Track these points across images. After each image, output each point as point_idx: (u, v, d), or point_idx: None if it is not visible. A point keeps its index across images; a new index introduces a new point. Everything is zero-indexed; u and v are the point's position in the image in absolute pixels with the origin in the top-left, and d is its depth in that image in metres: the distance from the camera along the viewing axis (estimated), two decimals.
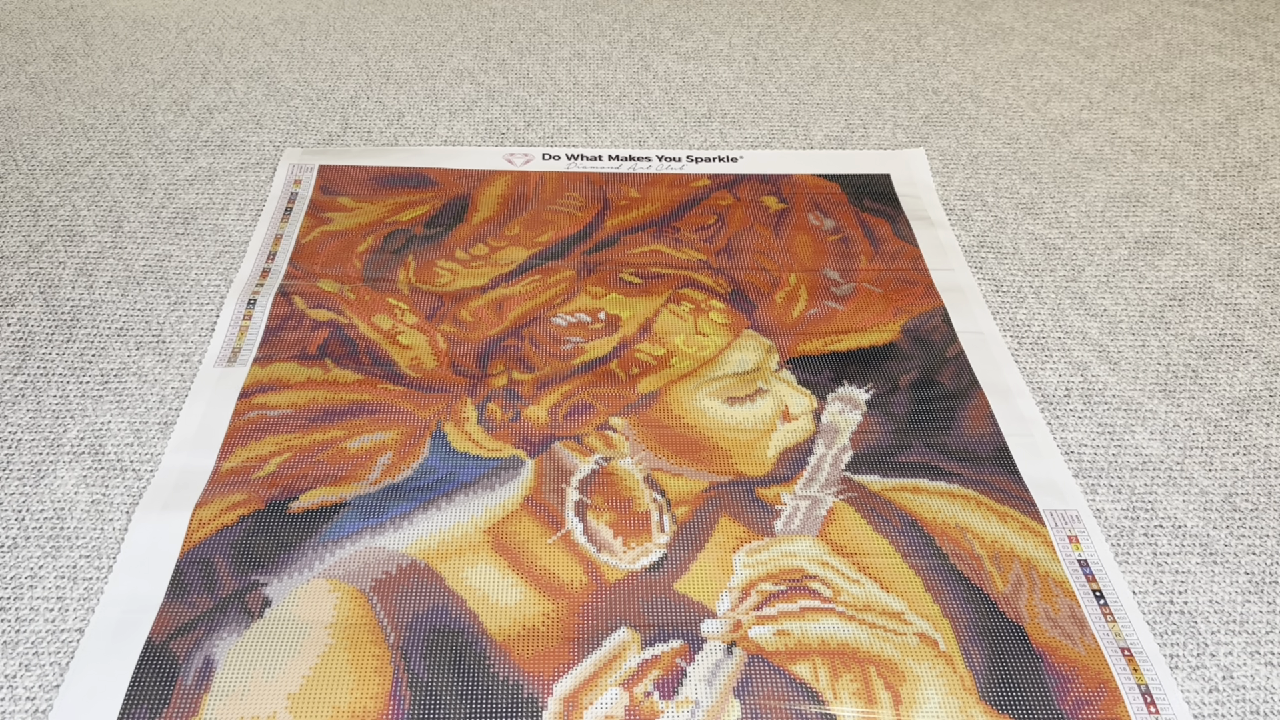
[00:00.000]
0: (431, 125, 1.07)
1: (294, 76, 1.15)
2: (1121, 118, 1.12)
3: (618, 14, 1.30)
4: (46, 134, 1.04)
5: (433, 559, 0.65)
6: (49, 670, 0.59)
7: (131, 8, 1.28)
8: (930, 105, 1.13)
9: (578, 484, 0.70)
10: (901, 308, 0.85)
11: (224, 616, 0.61)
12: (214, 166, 1.00)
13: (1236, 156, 1.06)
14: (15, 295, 0.84)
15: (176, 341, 0.80)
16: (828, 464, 0.72)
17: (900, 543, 0.67)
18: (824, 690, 0.59)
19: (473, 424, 0.74)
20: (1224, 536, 0.69)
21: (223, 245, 0.90)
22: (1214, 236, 0.95)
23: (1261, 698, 0.60)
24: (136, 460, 0.71)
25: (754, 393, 0.77)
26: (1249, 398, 0.79)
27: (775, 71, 1.19)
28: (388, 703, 0.57)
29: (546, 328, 0.82)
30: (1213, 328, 0.85)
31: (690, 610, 0.63)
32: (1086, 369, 0.81)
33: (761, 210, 0.96)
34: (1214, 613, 0.65)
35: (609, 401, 0.76)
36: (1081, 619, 0.63)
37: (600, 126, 1.08)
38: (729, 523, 0.68)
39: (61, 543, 0.66)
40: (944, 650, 0.61)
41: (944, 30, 1.29)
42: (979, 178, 1.02)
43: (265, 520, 0.67)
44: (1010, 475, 0.72)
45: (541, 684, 0.58)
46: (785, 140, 1.07)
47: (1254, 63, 1.23)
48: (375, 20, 1.27)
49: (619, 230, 0.93)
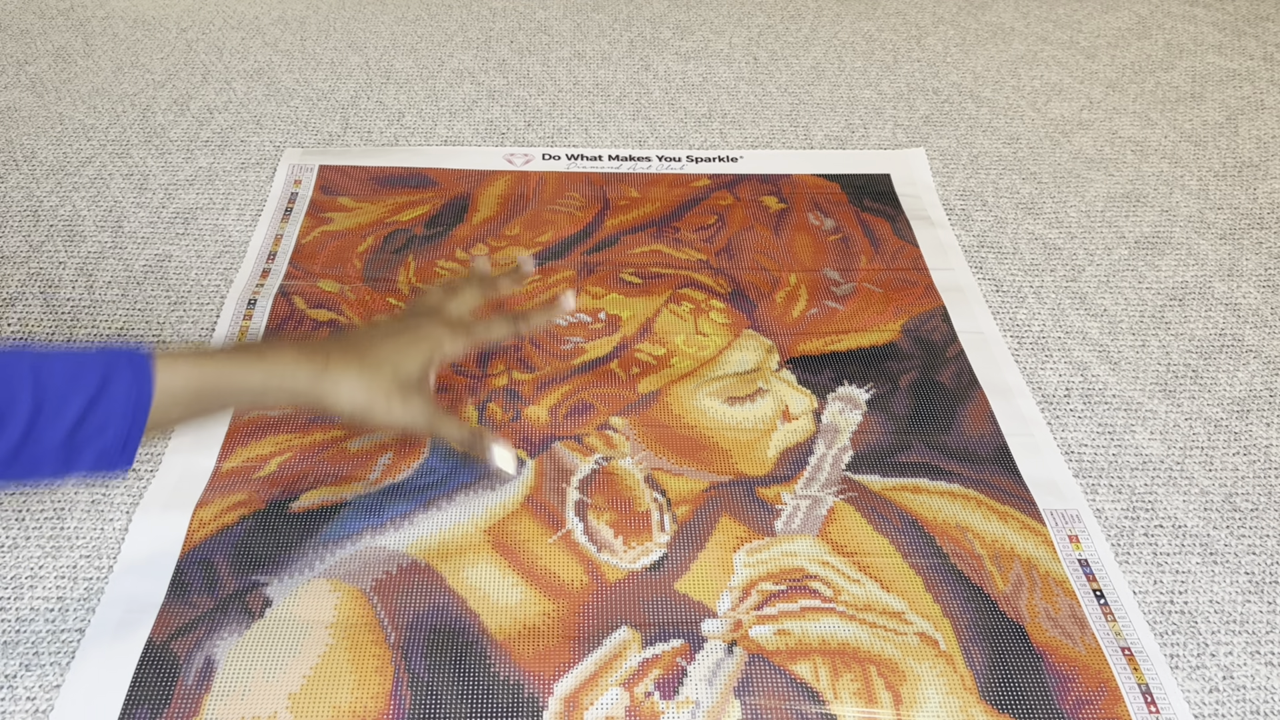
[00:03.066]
0: (431, 125, 1.07)
1: (294, 76, 1.15)
2: (1121, 118, 1.12)
3: (618, 14, 1.30)
4: (46, 134, 1.04)
5: (433, 559, 0.65)
6: (49, 670, 0.59)
7: (131, 8, 1.28)
8: (930, 105, 1.13)
9: (578, 484, 0.70)
10: (901, 307, 0.85)
11: (225, 616, 0.61)
12: (214, 167, 1.00)
13: (1236, 156, 1.06)
14: (15, 295, 0.84)
15: (176, 341, 0.80)
16: (828, 464, 0.72)
17: (901, 542, 0.67)
18: (824, 690, 0.59)
19: (473, 424, 0.74)
20: (1224, 536, 0.69)
21: (223, 245, 0.90)
22: (1214, 236, 0.95)
23: (1261, 698, 0.60)
24: (137, 460, 0.71)
25: (754, 393, 0.77)
26: (1249, 398, 0.79)
27: (775, 71, 1.19)
28: (388, 702, 0.57)
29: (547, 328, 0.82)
30: (1213, 328, 0.85)
31: (691, 610, 0.63)
32: (1086, 369, 0.81)
33: (761, 210, 0.96)
34: (1214, 612, 0.65)
35: (609, 401, 0.76)
36: (1082, 618, 0.63)
37: (600, 126, 1.08)
38: (729, 522, 0.68)
39: (61, 543, 0.66)
40: (944, 650, 0.61)
41: (944, 30, 1.29)
42: (979, 178, 1.02)
43: (266, 520, 0.67)
44: (1010, 475, 0.72)
45: (542, 683, 0.58)
46: (785, 140, 1.07)
47: (1254, 63, 1.23)
48: (375, 20, 1.27)
49: (619, 230, 0.93)
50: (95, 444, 0.47)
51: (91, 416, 0.47)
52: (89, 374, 0.47)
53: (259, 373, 0.54)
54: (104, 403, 0.47)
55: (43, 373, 0.46)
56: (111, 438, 0.48)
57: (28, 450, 0.45)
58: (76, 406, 0.46)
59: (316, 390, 0.56)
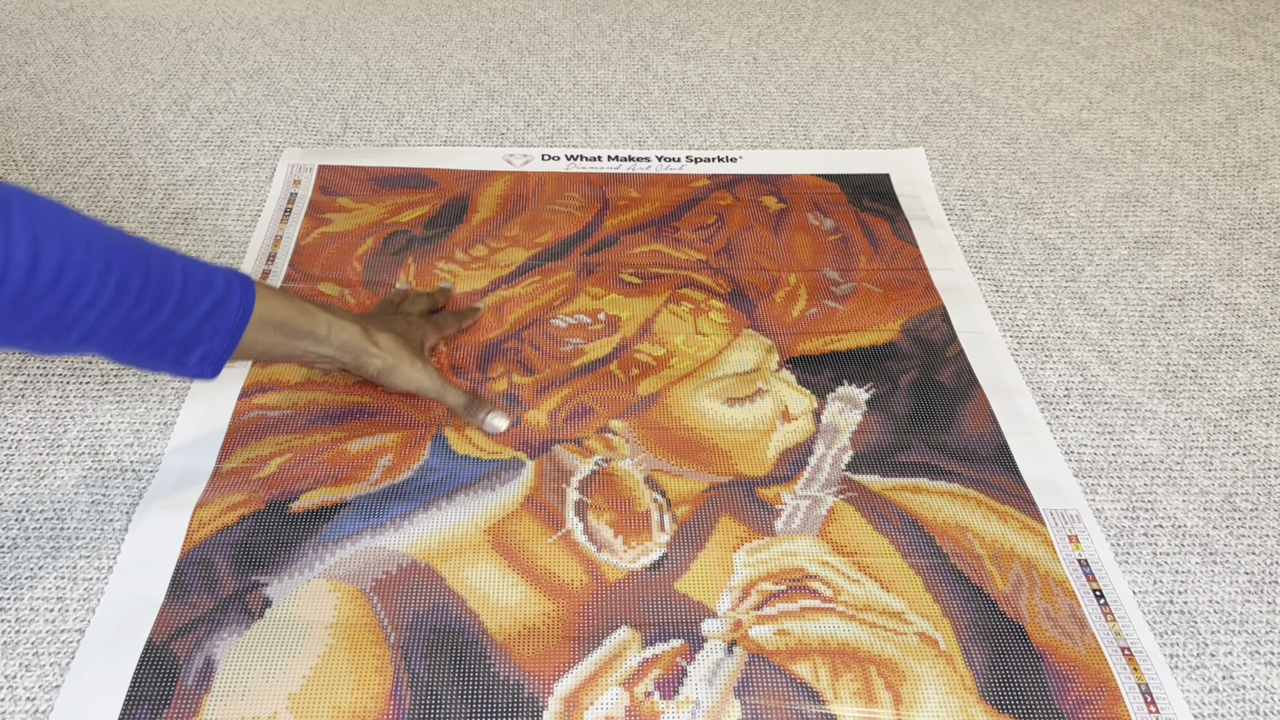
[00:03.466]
0: (431, 125, 1.07)
1: (294, 77, 1.15)
2: (1121, 118, 1.12)
3: (617, 14, 1.30)
4: (46, 134, 1.04)
5: (433, 559, 0.65)
6: (49, 671, 0.59)
7: (131, 8, 1.28)
8: (930, 105, 1.14)
9: (578, 484, 0.70)
10: (901, 307, 0.85)
11: (224, 617, 0.61)
12: (214, 167, 1.00)
13: (1236, 156, 1.06)
14: None
15: None
16: (828, 464, 0.72)
17: (900, 542, 0.67)
18: (824, 690, 0.59)
19: (473, 427, 0.74)
20: (1224, 536, 0.69)
21: (222, 246, 0.90)
22: (1214, 236, 0.95)
23: (1261, 697, 0.60)
24: (136, 460, 0.71)
25: (754, 393, 0.77)
26: (1249, 397, 0.79)
27: (775, 71, 1.19)
28: (388, 702, 0.57)
29: (546, 329, 0.82)
30: (1212, 328, 0.86)
31: (691, 610, 0.63)
32: (1086, 369, 0.81)
33: (761, 210, 0.96)
34: (1214, 612, 0.65)
35: (609, 404, 0.76)
36: (1082, 618, 0.63)
37: (600, 127, 1.08)
38: (729, 522, 0.68)
39: (61, 543, 0.66)
40: (944, 650, 0.61)
41: (944, 30, 1.29)
42: (979, 178, 1.02)
43: (265, 520, 0.67)
44: (1010, 475, 0.72)
45: (542, 683, 0.58)
46: (785, 140, 1.07)
47: (1254, 63, 1.23)
48: (375, 20, 1.27)
49: (618, 230, 0.93)
50: (204, 345, 0.56)
51: (208, 322, 0.55)
52: (218, 283, 0.56)
53: (324, 319, 0.65)
54: (222, 311, 0.56)
55: (190, 271, 0.54)
56: (216, 344, 0.56)
57: (162, 336, 0.54)
58: (203, 310, 0.55)
59: (363, 343, 0.68)
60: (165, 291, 0.53)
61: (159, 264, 0.53)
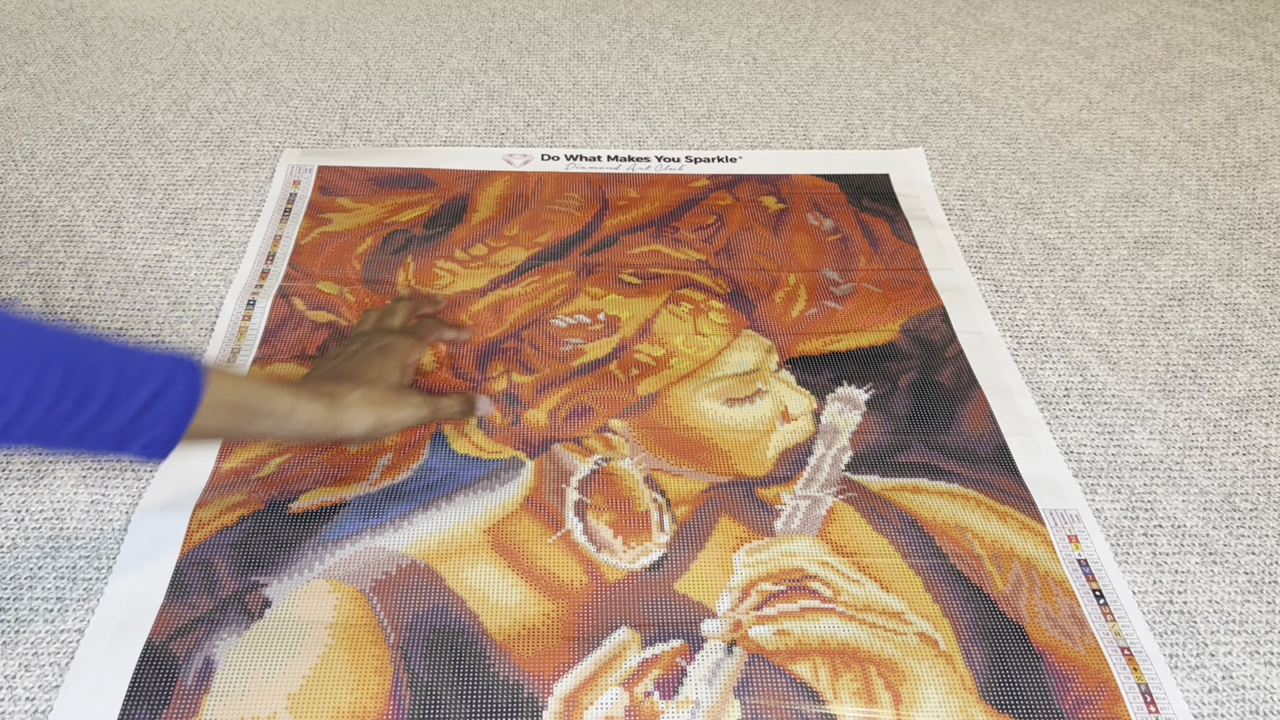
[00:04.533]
0: (431, 125, 1.07)
1: (293, 77, 1.15)
2: (1121, 118, 1.12)
3: (617, 14, 1.31)
4: (46, 134, 1.04)
5: (433, 559, 0.65)
6: (49, 671, 0.59)
7: (131, 8, 1.28)
8: (930, 105, 1.14)
9: (577, 484, 0.70)
10: (901, 307, 0.85)
11: (224, 617, 0.61)
12: (213, 167, 1.00)
13: (1236, 156, 1.06)
14: (15, 295, 0.84)
15: (176, 341, 0.80)
16: (827, 464, 0.72)
17: (900, 542, 0.67)
18: (824, 690, 0.59)
19: (472, 427, 0.74)
20: (1223, 536, 0.69)
21: (222, 245, 0.90)
22: (1213, 236, 0.95)
23: (1261, 697, 0.60)
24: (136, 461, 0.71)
25: (753, 394, 0.77)
26: (1249, 398, 0.79)
27: (775, 71, 1.19)
28: (388, 703, 0.57)
29: (546, 329, 0.82)
30: (1212, 328, 0.86)
31: (690, 610, 0.63)
32: (1086, 369, 0.81)
33: (760, 210, 0.96)
34: (1213, 612, 0.65)
35: (608, 404, 0.76)
36: (1081, 618, 0.63)
37: (599, 127, 1.08)
38: (729, 522, 0.68)
39: (61, 543, 0.66)
40: (944, 650, 0.61)
41: (944, 30, 1.29)
42: (978, 178, 1.02)
43: (265, 521, 0.67)
44: (1010, 475, 0.72)
45: (542, 684, 0.58)
46: (784, 140, 1.07)
47: (1254, 63, 1.23)
48: (375, 20, 1.27)
49: (618, 230, 0.93)
50: (146, 434, 0.53)
51: (147, 413, 0.53)
52: (157, 372, 0.53)
53: (285, 398, 0.61)
54: (163, 400, 0.53)
55: (124, 363, 0.53)
56: (161, 431, 0.54)
57: (92, 430, 0.52)
58: (139, 402, 0.52)
59: (332, 418, 0.63)
60: (91, 387, 0.50)
61: (86, 359, 0.51)
